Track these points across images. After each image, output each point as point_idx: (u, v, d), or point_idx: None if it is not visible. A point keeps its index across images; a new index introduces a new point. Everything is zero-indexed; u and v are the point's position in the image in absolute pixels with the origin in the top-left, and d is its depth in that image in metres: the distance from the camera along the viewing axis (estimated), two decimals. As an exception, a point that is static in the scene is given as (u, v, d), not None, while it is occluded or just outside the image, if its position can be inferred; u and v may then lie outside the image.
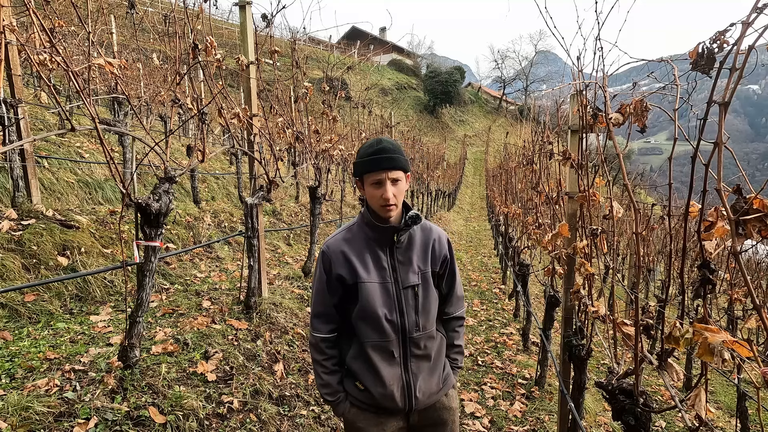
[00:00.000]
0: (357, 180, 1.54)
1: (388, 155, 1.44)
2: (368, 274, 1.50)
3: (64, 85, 7.75)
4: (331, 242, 1.56)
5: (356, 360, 1.55)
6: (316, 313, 1.59)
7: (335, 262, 1.52)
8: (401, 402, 1.52)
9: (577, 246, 2.19)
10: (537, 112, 4.55)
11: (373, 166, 1.44)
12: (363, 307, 1.50)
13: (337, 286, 1.53)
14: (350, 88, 15.35)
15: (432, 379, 1.58)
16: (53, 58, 2.72)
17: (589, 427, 3.31)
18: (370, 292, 1.49)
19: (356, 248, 1.54)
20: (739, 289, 3.96)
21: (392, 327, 1.50)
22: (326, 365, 1.58)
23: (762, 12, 0.96)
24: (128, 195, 1.98)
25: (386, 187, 1.44)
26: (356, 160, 1.52)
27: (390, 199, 1.44)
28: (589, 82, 1.91)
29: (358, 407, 1.57)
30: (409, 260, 1.55)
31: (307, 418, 2.70)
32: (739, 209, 0.95)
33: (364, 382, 1.53)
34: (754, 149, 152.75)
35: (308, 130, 4.19)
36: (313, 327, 1.59)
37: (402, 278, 1.53)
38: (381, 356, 1.51)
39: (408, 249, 1.56)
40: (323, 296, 1.56)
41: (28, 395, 2.01)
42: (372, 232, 1.54)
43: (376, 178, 1.45)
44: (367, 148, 1.48)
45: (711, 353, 0.96)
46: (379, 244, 1.54)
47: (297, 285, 4.26)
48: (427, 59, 50.33)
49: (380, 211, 1.49)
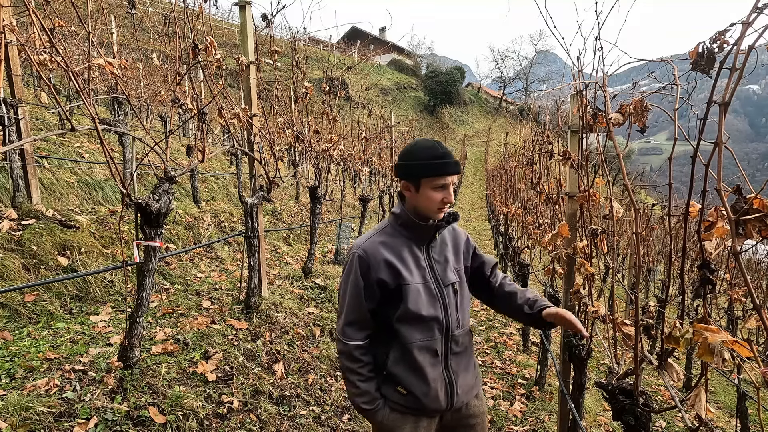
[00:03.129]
0: (405, 181, 1.51)
1: (454, 160, 1.48)
2: (411, 276, 1.49)
3: (64, 85, 7.75)
4: (367, 246, 1.51)
5: (399, 364, 1.51)
6: (349, 321, 1.52)
7: (374, 266, 1.48)
8: (444, 401, 1.52)
9: (577, 246, 2.19)
10: (537, 112, 4.55)
11: (440, 170, 1.45)
12: (408, 309, 1.47)
13: (375, 291, 1.49)
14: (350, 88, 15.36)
15: (468, 374, 1.60)
16: (53, 58, 2.72)
17: (589, 427, 3.31)
18: (415, 292, 1.48)
19: (395, 250, 1.51)
20: (739, 289, 3.96)
21: (438, 325, 1.51)
22: (362, 372, 1.52)
23: (762, 12, 0.96)
24: (128, 195, 1.98)
25: (449, 191, 1.47)
26: (411, 161, 1.48)
27: (451, 202, 1.48)
28: (589, 82, 1.91)
29: (399, 412, 1.53)
30: (445, 259, 1.58)
31: (307, 418, 2.70)
32: (739, 209, 0.95)
33: (407, 385, 1.49)
34: (754, 149, 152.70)
35: (308, 130, 4.19)
36: (346, 335, 1.52)
37: (441, 277, 1.54)
38: (426, 356, 1.50)
39: (442, 248, 1.59)
40: (359, 302, 1.50)
41: (28, 395, 2.01)
42: (409, 232, 1.54)
43: (441, 182, 1.46)
44: (428, 150, 1.47)
45: (711, 353, 0.96)
46: (416, 243, 1.54)
47: (297, 285, 4.26)
48: (427, 59, 50.32)
49: (437, 213, 1.50)
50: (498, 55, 55.41)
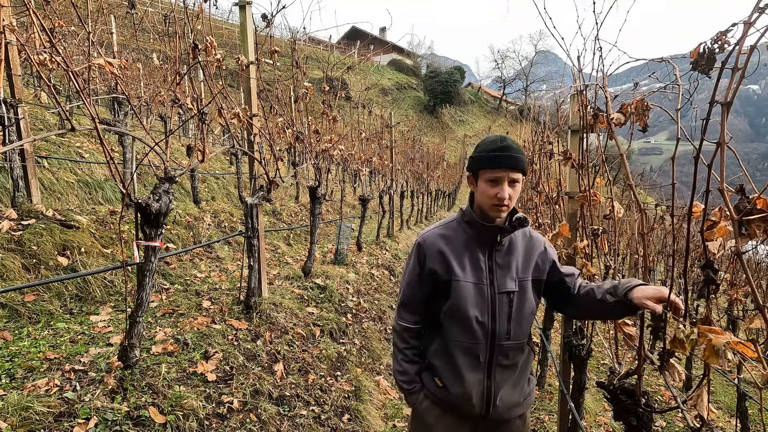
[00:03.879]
0: (470, 175, 1.49)
1: (511, 154, 1.39)
2: (464, 273, 1.46)
3: (64, 85, 7.75)
4: (428, 236, 1.54)
5: (438, 356, 1.53)
6: (403, 302, 1.59)
7: (430, 256, 1.50)
8: (479, 406, 1.49)
9: (578, 246, 2.18)
10: (537, 112, 4.55)
11: (494, 162, 1.39)
12: (454, 306, 1.46)
13: (429, 280, 1.51)
14: (350, 88, 15.36)
15: (515, 392, 1.53)
16: (53, 58, 2.72)
17: (589, 427, 3.31)
18: (464, 291, 1.45)
19: (454, 245, 1.50)
20: (739, 289, 3.96)
21: (482, 330, 1.46)
22: (407, 353, 1.59)
23: (764, 12, 0.96)
24: (128, 195, 1.98)
25: (503, 186, 1.39)
26: (474, 154, 1.47)
27: (505, 199, 1.39)
28: (589, 83, 1.91)
29: (432, 401, 1.55)
30: (509, 265, 1.49)
31: (307, 418, 2.70)
32: (743, 209, 0.95)
33: (443, 379, 1.51)
34: (754, 149, 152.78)
35: (308, 130, 4.18)
36: (399, 315, 1.60)
37: (499, 282, 1.47)
38: (465, 358, 1.48)
39: (509, 253, 1.50)
40: (414, 288, 1.55)
41: (28, 395, 2.00)
42: (472, 231, 1.50)
43: (495, 175, 1.39)
44: (489, 144, 1.43)
45: (716, 355, 0.96)
46: (479, 243, 1.49)
47: (297, 285, 4.26)
48: (427, 59, 50.36)
49: (490, 210, 1.43)
50: (498, 55, 55.57)
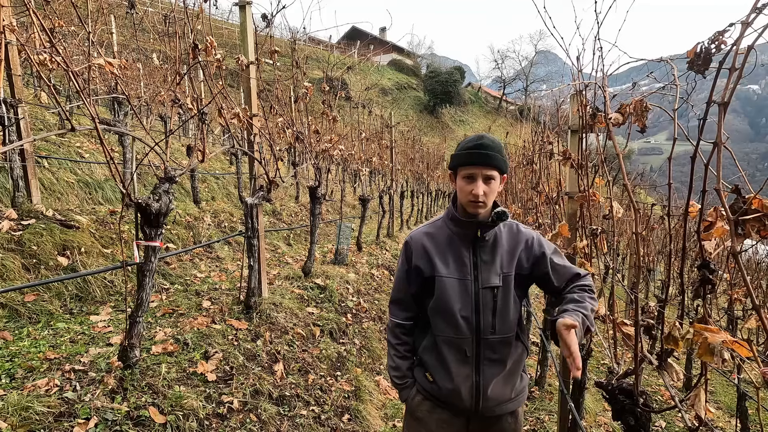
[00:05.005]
0: (451, 173, 1.53)
1: (485, 151, 1.41)
2: (447, 269, 1.50)
3: (64, 85, 7.75)
4: (414, 234, 1.60)
5: (428, 352, 1.57)
6: (394, 299, 1.65)
7: (415, 254, 1.55)
8: (468, 401, 1.50)
9: (577, 246, 2.19)
10: (537, 112, 4.55)
11: (468, 159, 1.43)
12: (438, 301, 1.50)
13: (415, 277, 1.56)
14: (350, 88, 15.35)
15: (506, 387, 1.54)
16: (53, 58, 2.72)
17: (589, 427, 3.31)
18: (447, 287, 1.49)
19: (438, 242, 1.54)
20: (738, 288, 3.96)
21: (467, 325, 1.48)
22: (399, 350, 1.64)
23: (761, 12, 0.96)
24: (128, 195, 1.98)
25: (477, 183, 1.41)
26: (454, 152, 1.51)
27: (479, 196, 1.41)
28: (589, 82, 1.91)
29: (424, 396, 1.59)
30: (493, 260, 1.51)
31: (307, 418, 2.70)
32: (738, 209, 0.95)
33: (433, 374, 1.54)
34: (754, 149, 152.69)
35: (308, 130, 4.19)
36: (391, 312, 1.66)
37: (483, 277, 1.49)
38: (452, 352, 1.50)
39: (494, 248, 1.52)
40: (402, 284, 1.61)
41: (28, 395, 2.01)
42: (456, 228, 1.53)
43: (469, 172, 1.43)
44: (467, 142, 1.47)
45: (711, 353, 0.96)
46: (462, 239, 1.52)
47: (297, 285, 4.26)
48: (427, 59, 50.37)
49: (468, 207, 1.47)
50: (498, 55, 55.56)
